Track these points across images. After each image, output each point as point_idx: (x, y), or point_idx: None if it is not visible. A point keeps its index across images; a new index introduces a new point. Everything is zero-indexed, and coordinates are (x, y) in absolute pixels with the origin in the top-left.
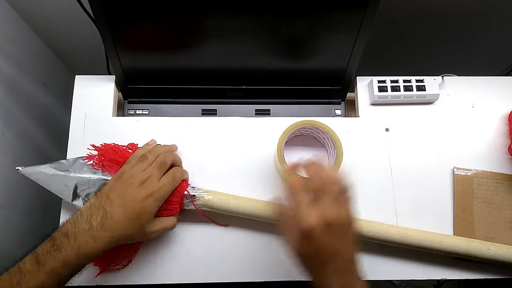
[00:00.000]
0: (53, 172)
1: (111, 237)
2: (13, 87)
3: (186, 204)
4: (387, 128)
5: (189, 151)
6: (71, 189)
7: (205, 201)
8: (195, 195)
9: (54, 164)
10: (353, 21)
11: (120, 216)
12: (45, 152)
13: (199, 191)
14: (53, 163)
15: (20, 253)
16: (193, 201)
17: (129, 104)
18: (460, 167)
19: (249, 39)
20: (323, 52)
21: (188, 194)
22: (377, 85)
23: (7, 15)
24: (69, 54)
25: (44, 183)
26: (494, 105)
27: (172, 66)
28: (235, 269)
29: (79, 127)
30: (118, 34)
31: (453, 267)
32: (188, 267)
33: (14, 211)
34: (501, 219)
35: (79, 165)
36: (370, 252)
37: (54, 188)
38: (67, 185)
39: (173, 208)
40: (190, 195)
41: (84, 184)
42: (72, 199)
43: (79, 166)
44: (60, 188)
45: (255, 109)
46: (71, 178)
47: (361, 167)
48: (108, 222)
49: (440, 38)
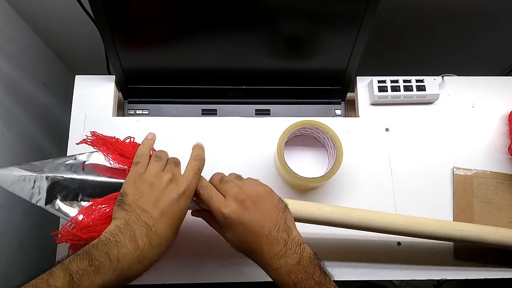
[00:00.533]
0: (23, 173)
1: (158, 255)
2: (13, 87)
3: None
4: (387, 128)
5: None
6: (44, 190)
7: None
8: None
9: (25, 165)
10: (353, 21)
11: (165, 227)
12: (45, 152)
13: None
14: (24, 164)
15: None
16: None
17: (129, 104)
18: (460, 167)
19: (249, 39)
20: (323, 52)
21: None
22: (377, 85)
23: (7, 15)
24: (69, 54)
25: (11, 187)
26: (494, 105)
27: (172, 66)
28: (235, 269)
29: (79, 127)
30: (118, 34)
31: (453, 267)
32: (188, 267)
33: (14, 211)
34: (502, 218)
35: (55, 165)
36: (370, 252)
37: (24, 192)
38: (41, 186)
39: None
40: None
41: (61, 184)
42: (46, 202)
43: (55, 166)
44: (30, 190)
45: (255, 109)
46: (45, 178)
47: (361, 167)
48: (155, 239)
49: (440, 38)
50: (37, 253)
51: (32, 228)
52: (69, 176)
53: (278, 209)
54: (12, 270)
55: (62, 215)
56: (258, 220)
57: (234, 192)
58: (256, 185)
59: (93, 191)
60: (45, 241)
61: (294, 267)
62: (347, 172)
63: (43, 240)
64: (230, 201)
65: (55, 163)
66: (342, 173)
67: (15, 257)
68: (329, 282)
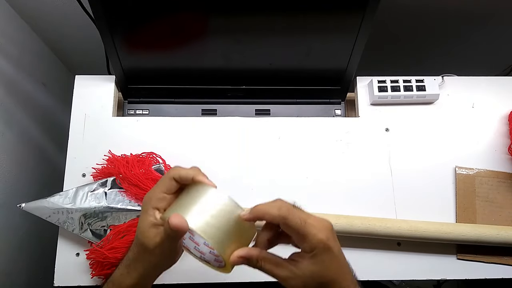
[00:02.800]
0: (56, 206)
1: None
2: (13, 87)
3: None
4: (387, 128)
5: (189, 151)
6: (76, 221)
7: None
8: None
9: (55, 198)
10: (353, 21)
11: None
12: (45, 152)
13: None
14: (53, 196)
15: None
16: None
17: (129, 104)
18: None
19: (249, 39)
20: (323, 52)
21: None
22: (377, 85)
23: (7, 15)
24: (69, 54)
25: (49, 218)
26: (494, 105)
27: (172, 66)
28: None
29: (79, 127)
30: (118, 34)
31: (453, 267)
32: (188, 267)
33: (14, 211)
34: (503, 217)
35: (81, 196)
36: (370, 252)
37: (60, 222)
38: (73, 218)
39: None
40: None
41: (91, 216)
42: (80, 231)
43: (81, 197)
44: (65, 221)
45: (255, 109)
46: (75, 210)
47: (361, 167)
48: None
49: (440, 38)
50: (37, 253)
51: (32, 228)
52: (93, 206)
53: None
54: (12, 270)
55: (94, 239)
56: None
57: (316, 218)
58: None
59: (117, 216)
60: (45, 241)
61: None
62: (347, 172)
63: (43, 240)
64: (320, 227)
65: (80, 194)
66: (342, 173)
67: (15, 257)
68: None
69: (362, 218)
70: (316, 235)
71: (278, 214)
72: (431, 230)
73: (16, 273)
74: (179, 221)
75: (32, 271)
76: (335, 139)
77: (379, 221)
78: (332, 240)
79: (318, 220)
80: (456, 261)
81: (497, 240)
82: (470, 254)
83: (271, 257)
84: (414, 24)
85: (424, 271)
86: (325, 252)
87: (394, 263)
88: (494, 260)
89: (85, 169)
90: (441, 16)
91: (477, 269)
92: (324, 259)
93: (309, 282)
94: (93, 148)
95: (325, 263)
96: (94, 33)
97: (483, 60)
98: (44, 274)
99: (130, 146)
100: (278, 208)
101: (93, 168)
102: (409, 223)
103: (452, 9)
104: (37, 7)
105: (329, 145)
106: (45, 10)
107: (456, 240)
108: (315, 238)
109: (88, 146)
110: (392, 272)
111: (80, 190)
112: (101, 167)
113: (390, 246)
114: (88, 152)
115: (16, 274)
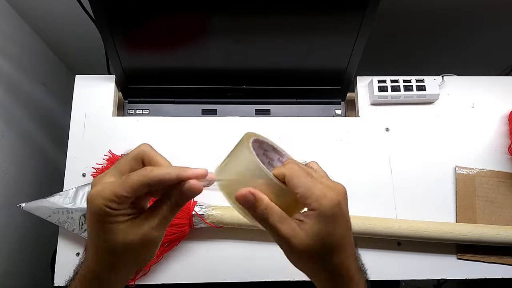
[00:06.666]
0: (56, 206)
1: None
2: (13, 87)
3: (195, 223)
4: (387, 128)
5: (189, 151)
6: (76, 221)
7: (214, 219)
8: (204, 214)
9: (55, 198)
10: (353, 21)
11: None
12: (45, 152)
13: (207, 210)
14: (53, 196)
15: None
16: (203, 219)
17: (129, 104)
18: (462, 166)
19: (249, 39)
20: (323, 52)
21: (197, 214)
22: (377, 85)
23: (7, 15)
24: (69, 54)
25: (49, 218)
26: (494, 105)
27: (172, 66)
28: (235, 269)
29: (79, 127)
30: (118, 34)
31: (453, 267)
32: (188, 267)
33: (14, 211)
34: (503, 217)
35: (81, 196)
36: (370, 252)
37: (61, 222)
38: (73, 218)
39: (183, 230)
40: (199, 214)
41: None
42: (80, 231)
43: (82, 197)
44: (65, 221)
45: (255, 109)
46: (75, 210)
47: (361, 167)
48: None
49: (440, 38)
50: (37, 253)
51: (32, 228)
52: None
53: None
54: (12, 270)
55: None
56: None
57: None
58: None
59: None
60: (45, 241)
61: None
62: (347, 172)
63: (43, 240)
64: (333, 186)
65: (80, 193)
66: (342, 173)
67: (15, 257)
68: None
69: (362, 218)
70: (326, 194)
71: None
72: (431, 230)
73: (16, 273)
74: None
75: (32, 271)
76: (335, 139)
77: (379, 220)
78: (344, 204)
79: (332, 181)
80: (456, 261)
81: (497, 240)
82: (470, 254)
83: (278, 210)
84: (414, 24)
85: (424, 271)
86: (334, 212)
87: (394, 263)
88: (494, 260)
89: (85, 169)
90: (441, 16)
91: (477, 269)
92: (332, 220)
93: (311, 243)
94: (93, 148)
95: (332, 225)
96: (94, 33)
97: (483, 60)
98: (44, 274)
99: (130, 146)
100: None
101: (93, 168)
102: (409, 223)
103: (452, 9)
104: (37, 7)
105: (329, 145)
106: (45, 10)
107: (456, 240)
108: (325, 201)
109: (88, 146)
110: (392, 272)
111: (80, 190)
112: (101, 167)
113: (390, 246)
114: (88, 152)
115: (16, 274)
